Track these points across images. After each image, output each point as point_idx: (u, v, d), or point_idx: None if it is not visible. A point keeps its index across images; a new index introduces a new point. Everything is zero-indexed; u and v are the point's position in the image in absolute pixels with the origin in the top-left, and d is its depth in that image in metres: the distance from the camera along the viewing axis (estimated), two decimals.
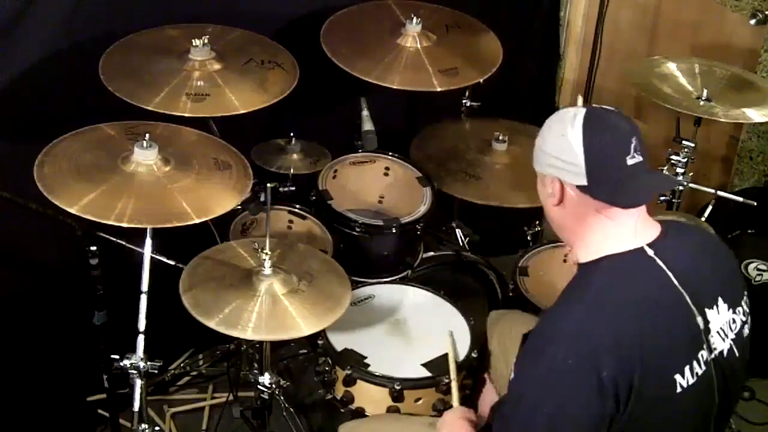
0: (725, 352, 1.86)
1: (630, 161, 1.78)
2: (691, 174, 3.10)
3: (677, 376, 1.76)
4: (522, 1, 3.74)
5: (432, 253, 3.10)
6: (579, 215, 1.84)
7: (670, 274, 1.82)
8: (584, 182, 1.79)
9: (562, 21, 3.84)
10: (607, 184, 1.79)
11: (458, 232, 3.37)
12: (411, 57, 2.93)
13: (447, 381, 2.44)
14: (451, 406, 2.41)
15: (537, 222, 3.18)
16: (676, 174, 3.05)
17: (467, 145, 3.19)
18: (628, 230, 1.83)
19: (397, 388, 2.43)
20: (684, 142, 3.05)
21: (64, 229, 2.37)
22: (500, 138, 3.11)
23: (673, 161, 3.06)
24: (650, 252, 1.83)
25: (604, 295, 1.79)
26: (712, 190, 3.16)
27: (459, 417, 2.21)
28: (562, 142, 1.81)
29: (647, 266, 1.82)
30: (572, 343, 1.73)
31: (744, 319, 1.92)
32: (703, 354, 1.81)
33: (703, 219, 3.17)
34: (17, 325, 2.83)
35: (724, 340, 1.86)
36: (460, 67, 2.92)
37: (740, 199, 3.19)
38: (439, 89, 2.85)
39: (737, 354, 1.89)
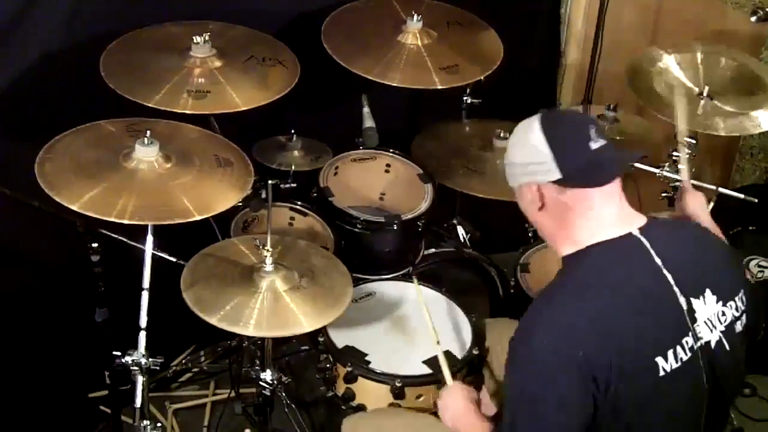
0: (713, 344, 1.88)
1: (594, 145, 1.85)
2: (693, 171, 3.09)
3: (659, 359, 1.79)
4: None
5: (433, 250, 3.10)
6: (561, 213, 1.89)
7: (657, 258, 1.85)
8: (558, 175, 1.85)
9: (563, 18, 3.83)
10: (579, 170, 1.85)
11: (459, 228, 3.37)
12: (412, 54, 2.93)
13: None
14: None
15: None
16: (677, 171, 3.04)
17: (468, 142, 3.19)
18: (611, 217, 1.88)
19: (398, 385, 2.43)
20: (685, 138, 3.04)
21: (66, 226, 2.37)
22: (502, 135, 3.11)
23: (674, 158, 3.06)
24: (640, 236, 1.87)
25: (587, 281, 1.84)
26: (713, 187, 3.15)
27: (460, 391, 2.17)
28: (527, 148, 1.90)
29: (635, 250, 1.86)
30: (552, 328, 1.78)
31: (736, 314, 1.93)
32: (688, 341, 1.83)
33: None
34: (19, 322, 2.83)
35: (711, 331, 1.88)
36: (461, 65, 2.92)
37: (741, 196, 3.18)
38: (439, 87, 2.85)
39: (727, 347, 1.90)
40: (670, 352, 1.80)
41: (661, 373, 1.79)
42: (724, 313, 1.90)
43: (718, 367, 1.88)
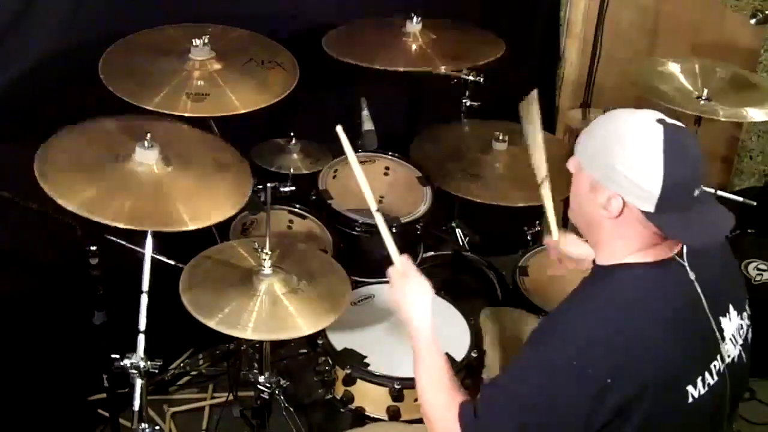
0: (735, 359, 1.86)
1: (696, 192, 1.74)
2: None
3: (689, 388, 1.75)
4: (522, 2, 3.74)
5: (432, 253, 3.10)
6: (626, 230, 1.78)
7: (696, 285, 1.79)
8: (651, 209, 1.72)
9: (563, 21, 3.84)
10: (674, 217, 1.73)
11: (458, 231, 3.38)
12: (414, 48, 2.95)
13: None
14: None
15: (537, 222, 3.19)
16: None
17: (467, 144, 3.19)
18: (665, 244, 1.80)
19: (397, 387, 2.42)
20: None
21: (65, 229, 2.37)
22: (500, 138, 3.11)
23: None
24: (682, 261, 1.80)
25: (623, 301, 1.76)
26: (712, 190, 3.16)
27: (427, 310, 2.04)
28: (639, 165, 1.71)
29: (677, 275, 1.79)
30: (583, 346, 1.71)
31: (749, 323, 1.92)
32: (716, 364, 1.80)
33: None
34: (18, 324, 2.83)
35: (735, 346, 1.85)
36: (462, 55, 2.93)
37: (740, 198, 3.19)
38: (443, 71, 2.85)
39: (744, 360, 1.89)
40: (699, 380, 1.76)
41: (690, 400, 1.75)
42: (742, 326, 1.88)
43: (736, 382, 1.87)
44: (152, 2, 2.85)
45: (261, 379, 2.57)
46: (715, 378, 1.80)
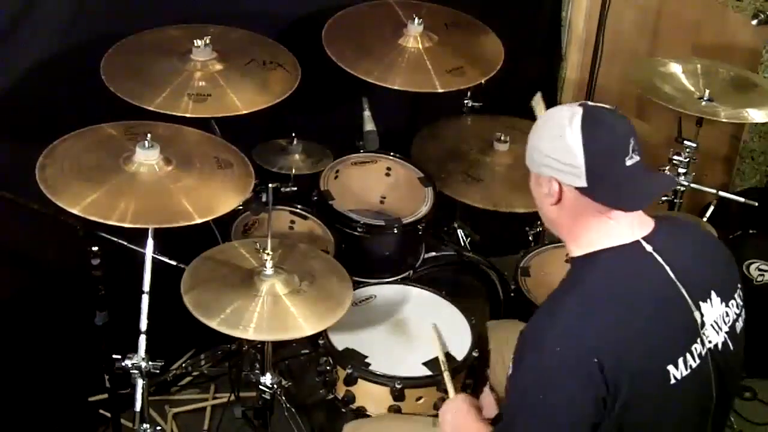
0: (720, 346, 1.86)
1: (629, 162, 1.78)
2: (693, 174, 3.10)
3: (670, 368, 1.77)
4: (524, 2, 3.74)
5: (434, 254, 3.10)
6: (576, 214, 1.84)
7: (667, 267, 1.82)
8: (584, 184, 1.79)
9: (564, 21, 3.84)
10: (608, 186, 1.79)
11: (460, 232, 3.37)
12: (413, 57, 2.93)
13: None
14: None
15: (538, 222, 3.18)
16: (678, 174, 3.05)
17: (469, 145, 3.19)
18: (626, 227, 1.84)
19: (398, 387, 2.43)
20: (686, 142, 3.05)
21: (66, 229, 2.37)
22: (502, 138, 3.11)
23: (674, 161, 3.07)
24: (647, 246, 1.83)
25: (597, 288, 1.80)
26: (714, 191, 3.16)
27: (461, 402, 2.19)
28: (560, 144, 1.79)
29: (644, 259, 1.82)
30: (563, 335, 1.74)
31: (737, 312, 1.92)
32: (697, 347, 1.82)
33: (704, 219, 3.17)
34: (19, 325, 2.83)
35: (718, 333, 1.86)
36: (462, 68, 2.92)
37: (742, 199, 3.19)
38: (440, 90, 2.84)
39: (731, 348, 1.89)
40: (680, 360, 1.78)
41: (672, 381, 1.77)
42: (727, 314, 1.89)
43: (724, 369, 1.87)
44: (154, 3, 2.85)
45: (263, 379, 2.57)
46: (697, 360, 1.81)
